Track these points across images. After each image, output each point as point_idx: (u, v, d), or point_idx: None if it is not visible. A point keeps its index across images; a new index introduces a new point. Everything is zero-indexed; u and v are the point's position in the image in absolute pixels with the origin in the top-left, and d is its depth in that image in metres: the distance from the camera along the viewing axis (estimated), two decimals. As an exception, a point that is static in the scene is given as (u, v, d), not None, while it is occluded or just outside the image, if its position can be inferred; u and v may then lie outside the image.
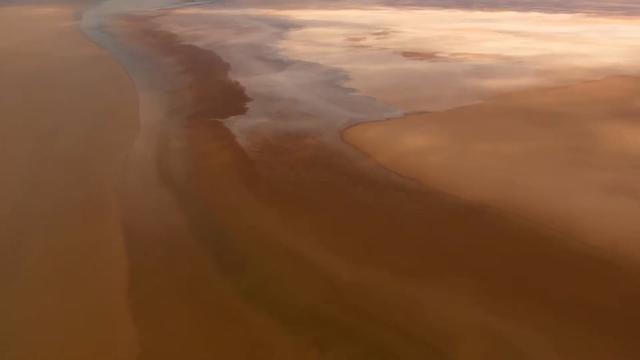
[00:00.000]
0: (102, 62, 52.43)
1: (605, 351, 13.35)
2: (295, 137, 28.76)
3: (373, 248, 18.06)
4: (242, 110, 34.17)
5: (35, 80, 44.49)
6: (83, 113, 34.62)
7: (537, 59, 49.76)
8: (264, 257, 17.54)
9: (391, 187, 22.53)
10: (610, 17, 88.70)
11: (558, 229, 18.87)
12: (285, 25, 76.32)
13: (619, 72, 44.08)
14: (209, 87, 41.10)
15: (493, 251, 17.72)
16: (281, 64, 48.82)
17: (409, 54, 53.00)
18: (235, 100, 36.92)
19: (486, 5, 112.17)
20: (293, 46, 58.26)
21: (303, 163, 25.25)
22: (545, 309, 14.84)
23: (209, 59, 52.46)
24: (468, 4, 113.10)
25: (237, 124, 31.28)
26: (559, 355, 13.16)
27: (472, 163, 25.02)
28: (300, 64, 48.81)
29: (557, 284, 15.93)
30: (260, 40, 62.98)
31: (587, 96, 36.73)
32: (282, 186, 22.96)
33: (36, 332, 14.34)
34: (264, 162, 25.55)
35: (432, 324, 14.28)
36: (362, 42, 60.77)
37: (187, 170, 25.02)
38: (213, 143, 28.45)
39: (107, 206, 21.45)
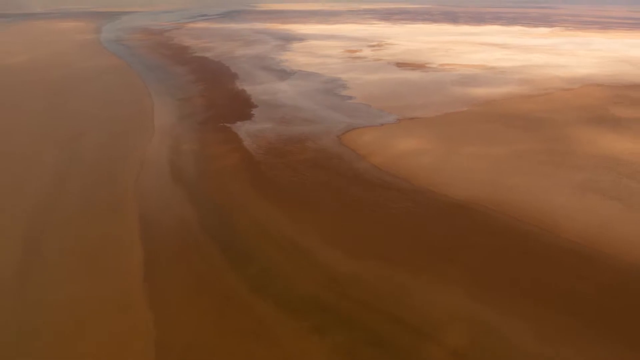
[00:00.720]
0: (119, 71, 52.48)
1: (580, 336, 13.43)
2: (297, 141, 28.82)
3: (369, 242, 18.11)
4: (248, 116, 34.23)
5: (60, 89, 44.53)
6: (103, 119, 34.67)
7: (519, 69, 49.85)
8: (269, 251, 17.60)
9: (385, 187, 22.59)
10: (587, 30, 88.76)
11: (538, 224, 18.95)
12: (288, 38, 76.42)
13: (594, 81, 44.18)
14: (218, 95, 41.14)
15: (478, 245, 17.78)
16: (284, 74, 48.87)
17: (402, 65, 53.08)
18: (242, 106, 36.97)
19: (472, 19, 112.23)
20: (295, 57, 58.32)
21: (304, 164, 25.31)
22: (526, 297, 14.92)
23: (218, 69, 52.51)
24: (456, 19, 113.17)
25: (243, 129, 31.34)
26: (537, 339, 13.25)
27: (459, 164, 25.08)
28: (302, 73, 48.87)
29: (536, 275, 16.00)
30: (265, 52, 63.07)
31: (564, 103, 36.82)
32: (285, 185, 23.02)
33: (61, 318, 14.41)
34: (268, 163, 25.61)
35: (422, 311, 14.35)
36: (358, 54, 60.85)
37: (197, 171, 25.07)
38: (222, 146, 28.50)
39: (125, 203, 21.50)
